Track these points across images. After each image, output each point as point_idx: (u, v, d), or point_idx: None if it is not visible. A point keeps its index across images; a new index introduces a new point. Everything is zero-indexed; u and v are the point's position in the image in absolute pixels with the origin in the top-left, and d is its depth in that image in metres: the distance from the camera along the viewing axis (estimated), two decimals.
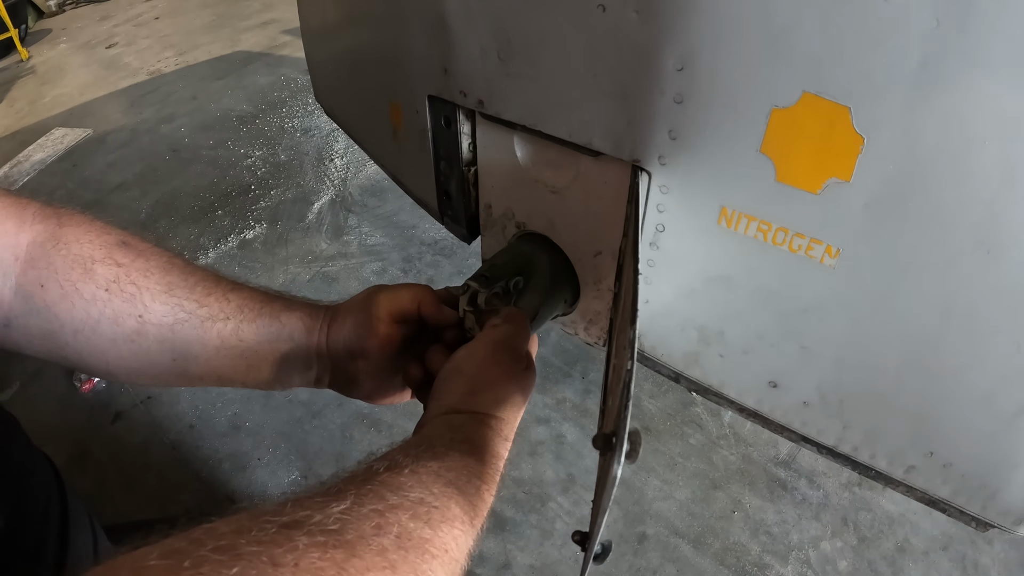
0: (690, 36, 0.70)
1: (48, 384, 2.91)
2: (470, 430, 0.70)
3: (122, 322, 0.76)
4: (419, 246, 3.41)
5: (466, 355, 0.78)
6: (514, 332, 0.81)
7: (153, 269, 0.79)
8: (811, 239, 0.72)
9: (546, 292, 0.97)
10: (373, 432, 2.57)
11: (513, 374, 0.78)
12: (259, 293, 0.86)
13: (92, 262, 0.75)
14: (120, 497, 2.42)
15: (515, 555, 2.17)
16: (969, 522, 0.80)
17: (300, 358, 0.87)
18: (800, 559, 2.15)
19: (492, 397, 0.75)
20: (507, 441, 0.74)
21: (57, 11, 8.93)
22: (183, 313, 0.79)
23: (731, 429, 2.51)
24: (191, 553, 0.41)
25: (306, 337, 0.86)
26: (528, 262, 0.98)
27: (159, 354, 0.79)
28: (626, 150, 0.81)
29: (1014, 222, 0.61)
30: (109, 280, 0.75)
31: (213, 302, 0.81)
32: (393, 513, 0.53)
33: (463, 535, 0.59)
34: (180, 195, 4.23)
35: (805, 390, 0.82)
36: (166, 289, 0.78)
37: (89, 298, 0.74)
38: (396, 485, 0.57)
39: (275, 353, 0.85)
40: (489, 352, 0.78)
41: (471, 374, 0.76)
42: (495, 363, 0.77)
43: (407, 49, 1.10)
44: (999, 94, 0.58)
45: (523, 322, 0.85)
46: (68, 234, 0.76)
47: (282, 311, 0.85)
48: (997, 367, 0.68)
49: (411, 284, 0.90)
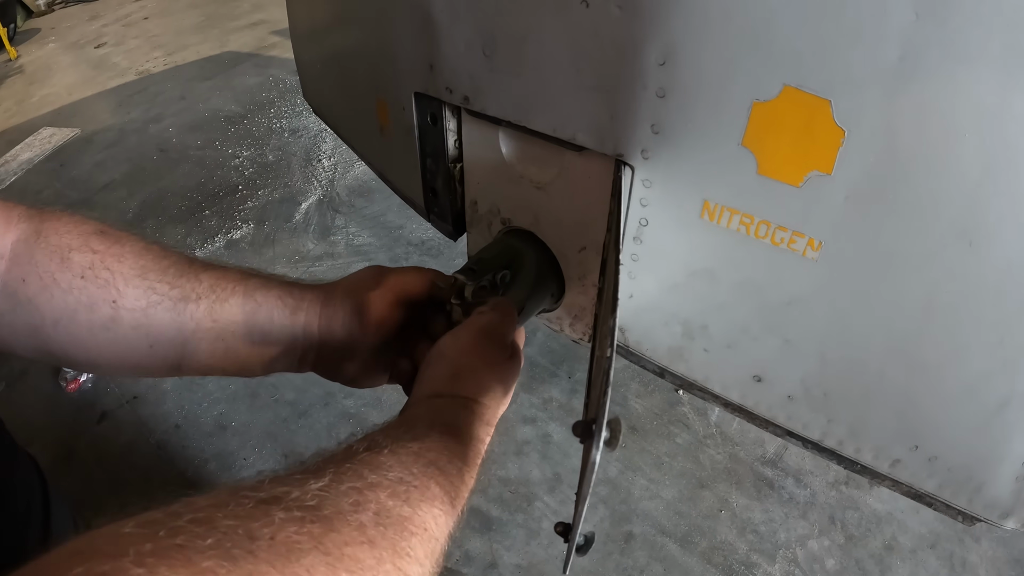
0: (672, 30, 0.70)
1: (34, 384, 2.89)
2: (452, 413, 0.70)
3: (97, 309, 0.75)
4: (406, 246, 3.41)
5: (450, 340, 0.78)
6: (499, 320, 0.81)
7: (127, 254, 0.77)
8: (793, 232, 0.72)
9: (533, 286, 0.97)
10: (359, 432, 2.56)
11: (497, 361, 0.78)
12: (236, 271, 0.84)
13: (69, 251, 0.74)
14: (106, 497, 2.40)
15: (501, 554, 2.17)
16: (956, 516, 0.80)
17: (282, 339, 0.85)
18: (787, 558, 2.15)
19: (475, 382, 0.74)
20: (489, 426, 0.74)
21: (46, 10, 8.90)
22: (155, 296, 0.77)
23: (718, 428, 2.52)
24: (167, 523, 0.41)
25: (289, 317, 0.84)
26: (515, 256, 0.99)
27: (135, 340, 0.77)
28: (609, 145, 0.81)
29: (995, 214, 0.61)
30: (84, 267, 0.74)
31: (185, 282, 0.79)
32: (372, 491, 0.53)
33: (443, 515, 0.58)
34: (167, 195, 4.22)
35: (789, 384, 0.82)
36: (139, 272, 0.77)
37: (66, 287, 0.73)
38: (376, 464, 0.56)
39: (253, 334, 0.83)
40: (473, 338, 0.78)
41: (454, 359, 0.76)
42: (479, 349, 0.77)
43: (393, 46, 1.10)
44: (978, 87, 0.58)
45: (509, 311, 0.84)
46: (48, 228, 0.75)
47: (257, 289, 0.83)
48: (981, 359, 0.68)
49: (416, 269, 0.89)
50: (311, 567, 0.43)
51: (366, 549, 0.48)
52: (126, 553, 0.37)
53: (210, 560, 0.39)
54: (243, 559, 0.40)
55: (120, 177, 4.52)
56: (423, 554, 0.54)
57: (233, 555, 0.40)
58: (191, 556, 0.39)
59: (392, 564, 0.50)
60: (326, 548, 0.45)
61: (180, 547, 0.39)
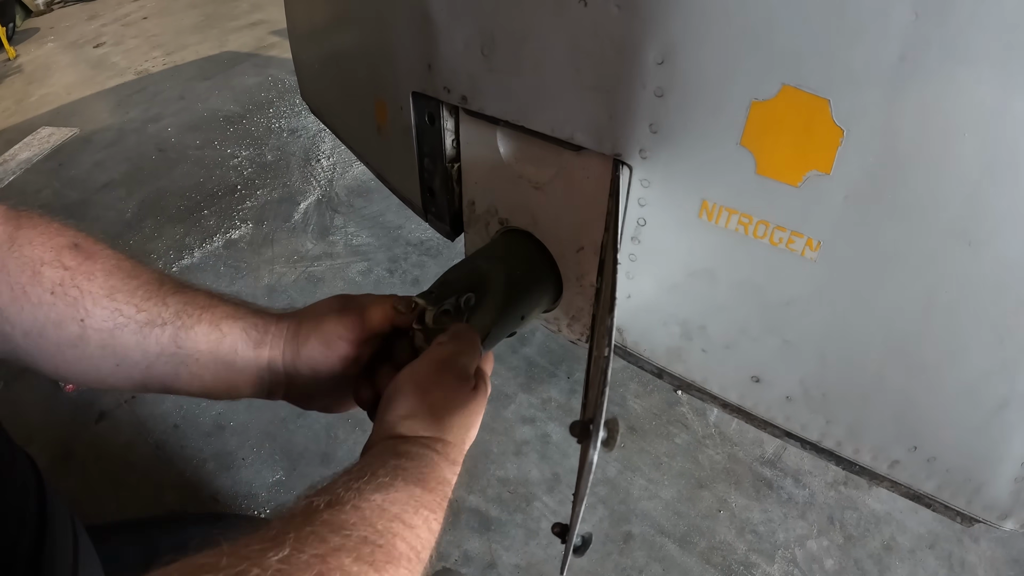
0: (671, 30, 0.70)
1: (32, 384, 2.88)
2: (415, 456, 0.68)
3: (65, 326, 0.75)
4: (405, 246, 3.40)
5: (409, 375, 0.76)
6: (459, 350, 0.79)
7: (97, 272, 0.77)
8: (792, 232, 0.72)
9: (499, 309, 0.93)
10: (358, 432, 2.56)
11: (458, 395, 0.75)
12: (203, 297, 0.83)
13: (41, 264, 0.74)
14: (104, 497, 2.39)
15: (500, 555, 2.16)
16: (954, 517, 0.79)
17: (247, 371, 0.84)
18: (786, 558, 2.15)
19: (435, 421, 0.72)
20: (455, 465, 0.72)
21: (45, 10, 8.87)
22: (122, 318, 0.77)
23: (717, 428, 2.52)
24: None
25: (253, 351, 0.83)
26: (481, 278, 0.95)
27: (101, 359, 0.77)
28: (607, 144, 0.81)
29: (994, 214, 0.61)
30: (55, 283, 0.74)
31: (151, 306, 0.78)
32: (335, 557, 0.52)
33: (409, 574, 0.57)
34: (166, 195, 4.21)
35: (788, 384, 0.82)
36: (108, 293, 0.77)
37: (36, 302, 0.73)
38: (338, 525, 0.55)
39: (217, 363, 0.82)
40: (432, 371, 0.76)
41: (414, 395, 0.73)
42: (438, 383, 0.75)
43: (392, 46, 1.10)
44: (978, 86, 0.58)
45: (471, 339, 0.82)
46: (23, 236, 0.74)
47: (224, 319, 0.82)
48: (980, 360, 0.68)
49: (378, 298, 0.87)
50: None
51: None
52: None
53: None
54: None
55: (119, 177, 4.50)
56: None
57: None
58: None
59: None
60: None
61: None
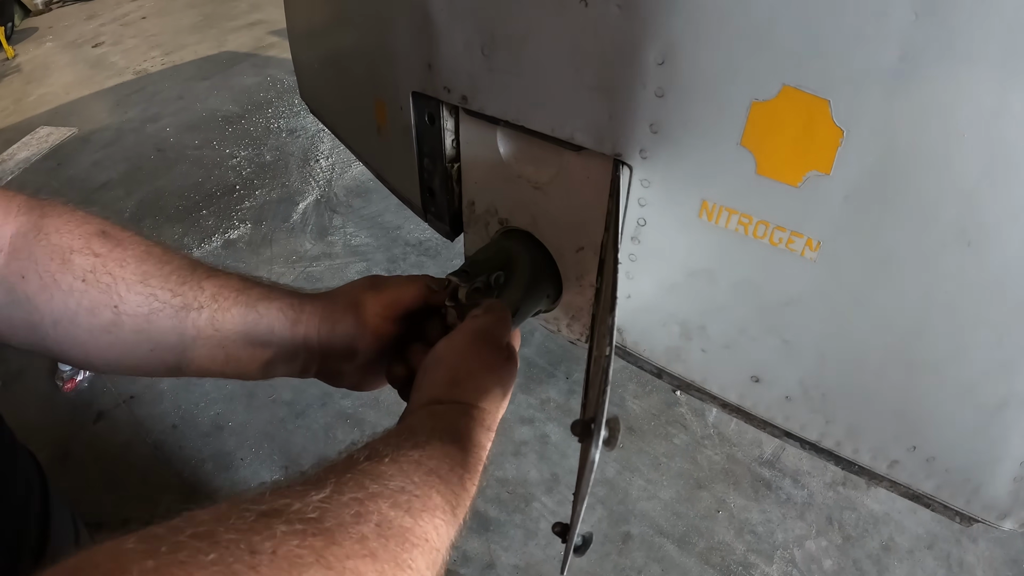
0: (671, 30, 0.70)
1: (30, 384, 2.88)
2: (452, 419, 0.69)
3: (99, 313, 0.75)
4: (403, 247, 3.41)
5: (446, 345, 0.77)
6: (494, 322, 0.81)
7: (129, 259, 0.77)
8: (792, 232, 0.72)
9: (527, 287, 0.96)
10: (356, 432, 2.57)
11: (494, 364, 0.77)
12: (237, 280, 0.84)
13: (70, 252, 0.74)
14: (102, 497, 2.39)
15: (499, 555, 2.16)
16: (953, 517, 0.79)
17: (283, 349, 0.85)
18: (785, 558, 2.15)
19: (473, 387, 0.74)
20: (490, 431, 0.73)
21: (44, 9, 8.87)
22: (157, 303, 0.77)
23: (715, 429, 2.52)
24: (169, 538, 0.40)
25: (290, 329, 0.84)
26: (509, 258, 0.98)
27: (136, 344, 0.78)
28: (608, 144, 0.81)
29: (994, 214, 0.61)
30: (86, 270, 0.74)
31: (187, 291, 0.79)
32: (373, 501, 0.52)
33: (444, 524, 0.58)
34: (165, 195, 4.21)
35: (787, 384, 0.82)
36: (141, 279, 0.77)
37: (67, 289, 0.73)
38: (376, 474, 0.56)
39: (254, 343, 0.83)
40: (469, 341, 0.77)
41: (452, 364, 0.75)
42: (476, 353, 0.76)
43: (392, 46, 1.09)
44: (978, 87, 0.58)
45: (503, 313, 0.84)
46: (49, 224, 0.75)
47: (260, 300, 0.83)
48: (979, 360, 0.68)
49: (410, 278, 0.89)
50: None
51: (368, 562, 0.48)
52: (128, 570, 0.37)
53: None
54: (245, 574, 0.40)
55: (117, 176, 4.51)
56: (424, 565, 0.53)
57: (235, 570, 0.40)
58: (193, 572, 0.38)
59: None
60: (328, 562, 0.45)
61: (182, 563, 0.39)
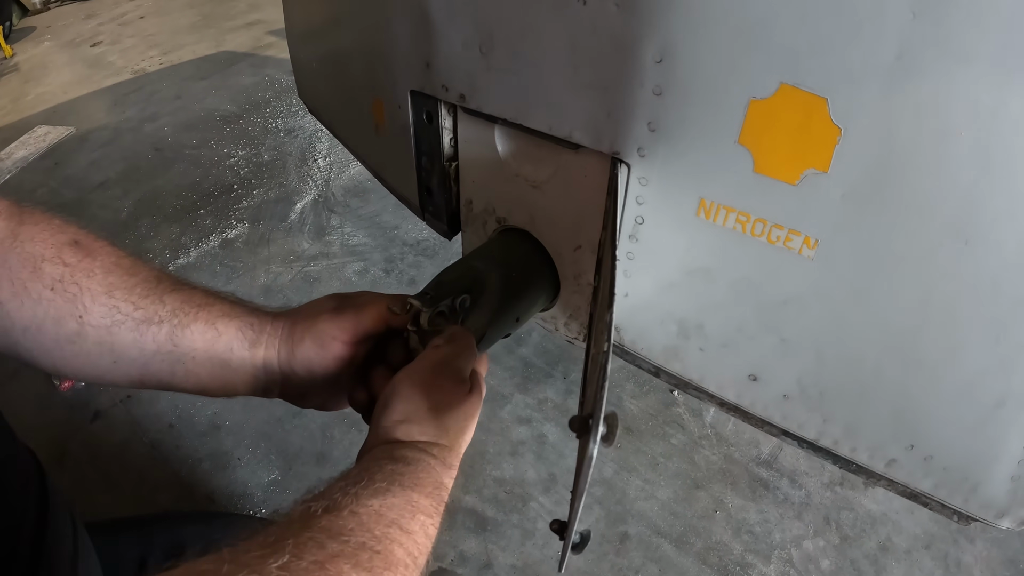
0: (669, 28, 0.70)
1: (27, 383, 2.88)
2: (411, 460, 0.68)
3: (63, 323, 0.76)
4: (401, 247, 3.40)
5: (405, 378, 0.76)
6: (456, 353, 0.79)
7: (97, 269, 0.78)
8: (789, 230, 0.72)
9: (495, 311, 0.93)
10: (354, 432, 2.56)
11: (454, 398, 0.75)
12: (200, 296, 0.84)
13: (41, 261, 0.75)
14: (99, 497, 2.39)
15: (496, 555, 2.16)
16: (951, 516, 0.80)
17: (242, 369, 0.84)
18: (782, 558, 2.15)
19: (432, 425, 0.72)
20: (451, 469, 0.72)
21: (42, 8, 8.85)
22: (119, 315, 0.78)
23: (713, 429, 2.52)
24: None
25: (248, 350, 0.84)
26: (477, 280, 0.94)
27: (99, 356, 0.78)
28: (606, 142, 0.81)
29: (991, 212, 0.61)
30: (55, 280, 0.75)
31: (148, 304, 0.79)
32: (334, 563, 0.52)
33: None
34: (162, 194, 4.20)
35: (785, 383, 0.82)
36: (106, 290, 0.77)
37: (36, 297, 0.74)
38: (336, 530, 0.56)
39: (212, 361, 0.83)
40: (428, 375, 0.75)
41: (410, 400, 0.73)
42: (435, 387, 0.74)
43: (390, 44, 1.09)
44: (974, 85, 0.58)
45: (467, 342, 0.82)
46: (25, 231, 0.75)
47: (220, 318, 0.83)
48: (977, 358, 0.68)
49: (373, 299, 0.87)
50: None
51: None
52: None
53: None
54: None
55: (115, 176, 4.50)
56: None
57: None
58: None
59: None
60: None
61: None
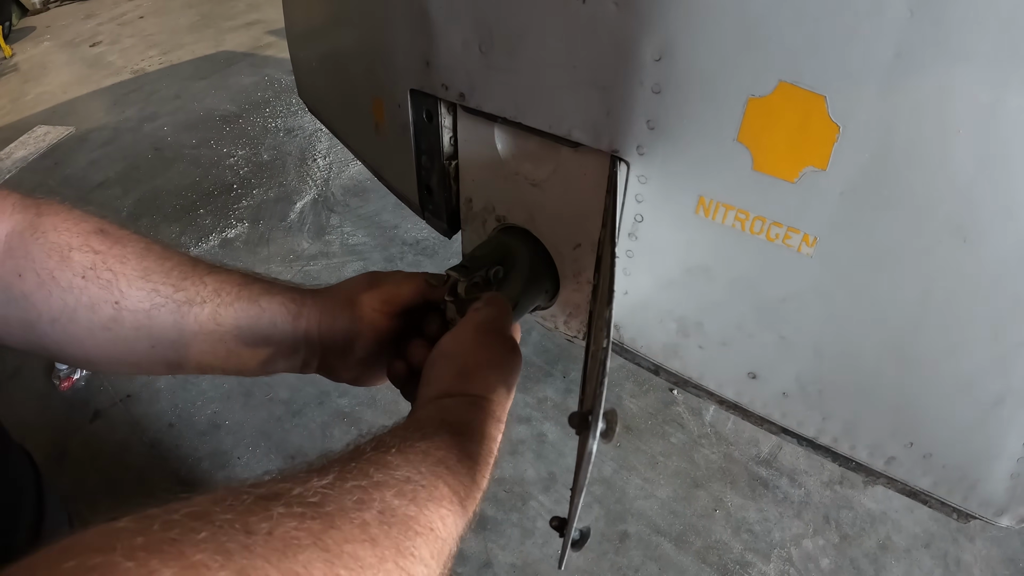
0: (668, 26, 0.70)
1: (26, 383, 2.88)
2: (461, 411, 0.69)
3: (98, 309, 0.75)
4: (401, 246, 3.40)
5: (452, 339, 0.77)
6: (497, 314, 0.80)
7: (129, 255, 0.77)
8: (788, 228, 0.72)
9: (526, 281, 0.97)
10: (354, 431, 2.56)
11: (501, 355, 0.77)
12: (238, 275, 0.84)
13: (69, 250, 0.74)
14: (99, 496, 2.39)
15: (496, 554, 2.16)
16: (951, 514, 0.80)
17: (284, 344, 0.85)
18: (782, 557, 2.16)
19: (482, 378, 0.73)
20: (500, 423, 0.72)
21: (42, 8, 8.86)
22: (159, 298, 0.77)
23: (712, 428, 2.52)
24: (162, 517, 0.40)
25: (291, 323, 0.85)
26: (508, 252, 0.98)
27: (136, 341, 0.78)
28: (605, 141, 0.81)
29: (990, 210, 0.61)
30: (86, 267, 0.74)
31: (189, 286, 0.79)
32: (377, 489, 0.52)
33: (451, 515, 0.57)
34: (162, 194, 4.20)
35: (784, 381, 0.82)
36: (142, 274, 0.77)
37: (66, 286, 0.73)
38: (382, 463, 0.56)
39: (255, 338, 0.83)
40: (474, 334, 0.77)
41: (459, 357, 0.75)
42: (482, 344, 0.76)
43: (390, 43, 1.09)
44: (973, 83, 0.58)
45: (504, 305, 0.84)
46: (46, 223, 0.74)
47: (262, 295, 0.83)
48: (976, 356, 0.68)
49: (409, 274, 0.89)
50: (308, 563, 0.42)
51: (368, 547, 0.47)
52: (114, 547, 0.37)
53: (203, 553, 0.38)
54: (237, 553, 0.40)
55: (114, 176, 4.50)
56: (428, 554, 0.53)
57: (227, 549, 0.39)
58: (183, 549, 0.38)
59: (394, 563, 0.49)
60: (325, 544, 0.44)
61: (173, 540, 0.38)
